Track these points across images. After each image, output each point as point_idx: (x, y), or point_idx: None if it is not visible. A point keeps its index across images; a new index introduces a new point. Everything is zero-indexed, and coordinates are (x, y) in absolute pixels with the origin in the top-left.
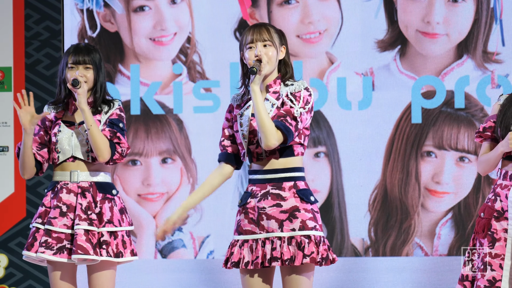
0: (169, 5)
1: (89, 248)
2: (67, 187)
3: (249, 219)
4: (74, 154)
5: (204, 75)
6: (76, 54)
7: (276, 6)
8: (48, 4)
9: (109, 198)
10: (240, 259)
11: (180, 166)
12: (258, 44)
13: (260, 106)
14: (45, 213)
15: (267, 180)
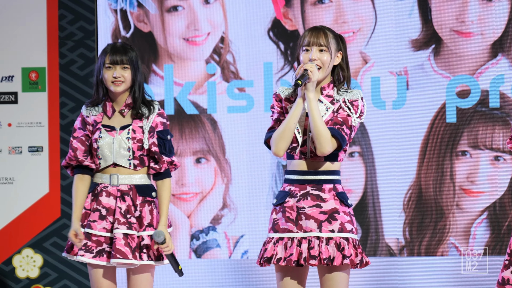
0: (202, 4)
1: (127, 252)
2: (106, 190)
3: (286, 217)
4: (115, 161)
5: (238, 75)
6: (114, 54)
7: (310, 5)
8: (81, 5)
9: (149, 201)
10: (272, 255)
11: (214, 166)
12: (313, 48)
13: (316, 115)
14: (85, 216)
15: (307, 181)
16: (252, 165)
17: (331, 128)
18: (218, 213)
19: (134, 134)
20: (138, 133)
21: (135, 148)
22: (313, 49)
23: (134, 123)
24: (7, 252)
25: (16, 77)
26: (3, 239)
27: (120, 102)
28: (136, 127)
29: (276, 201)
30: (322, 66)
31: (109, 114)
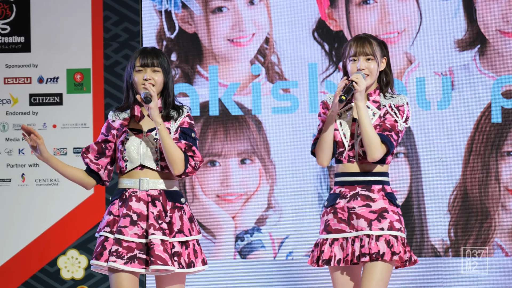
0: (247, 5)
1: (167, 258)
2: (136, 195)
3: (338, 218)
4: (142, 162)
5: (283, 76)
6: (144, 57)
7: (355, 6)
8: (126, 6)
9: (178, 207)
10: (331, 257)
11: (259, 167)
12: (360, 58)
13: (367, 123)
14: (113, 222)
15: (357, 182)
16: (297, 166)
17: (380, 135)
18: (263, 214)
19: None
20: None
21: (161, 148)
22: (360, 59)
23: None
24: (52, 253)
25: (61, 79)
26: (48, 241)
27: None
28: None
29: (327, 203)
30: (370, 74)
31: (137, 118)
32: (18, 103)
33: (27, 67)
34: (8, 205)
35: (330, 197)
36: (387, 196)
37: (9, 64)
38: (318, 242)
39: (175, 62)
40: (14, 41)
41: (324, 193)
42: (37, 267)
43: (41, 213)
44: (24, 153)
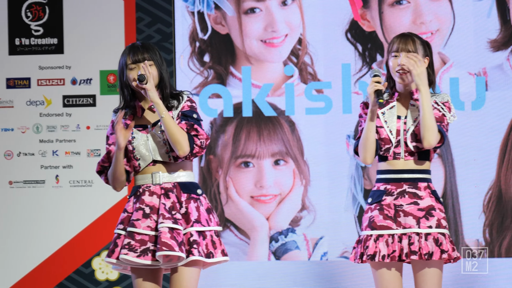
0: (279, 6)
1: (174, 245)
2: (149, 189)
3: (384, 215)
4: (154, 158)
5: (316, 77)
6: (134, 53)
7: (388, 6)
8: (159, 7)
9: (194, 198)
10: (375, 253)
11: (293, 168)
12: (402, 54)
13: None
14: (127, 219)
15: (403, 180)
16: (331, 167)
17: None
18: (297, 215)
19: None
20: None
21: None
22: (402, 55)
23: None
24: (86, 255)
25: (94, 80)
26: (82, 242)
27: (148, 99)
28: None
29: (372, 200)
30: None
31: (139, 114)
32: (51, 104)
33: (60, 68)
34: (42, 207)
35: (374, 194)
36: (433, 194)
37: (42, 65)
38: (361, 238)
39: (208, 63)
40: (47, 42)
41: (358, 194)
42: (72, 268)
43: (75, 215)
44: (58, 155)
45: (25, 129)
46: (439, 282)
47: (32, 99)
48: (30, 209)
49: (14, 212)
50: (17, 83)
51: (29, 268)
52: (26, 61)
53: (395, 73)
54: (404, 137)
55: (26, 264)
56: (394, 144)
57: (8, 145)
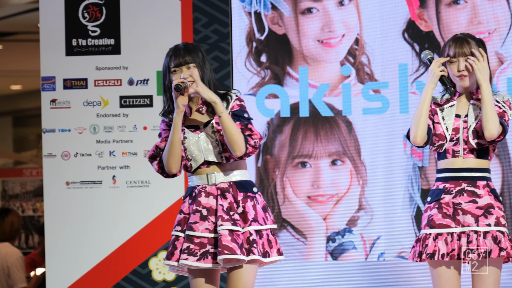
0: (336, 6)
1: (235, 248)
2: (205, 190)
3: (443, 213)
4: (206, 158)
5: (373, 77)
6: (176, 57)
7: (445, 6)
8: (216, 8)
9: (251, 196)
10: (435, 251)
11: (350, 168)
12: (460, 59)
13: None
14: (184, 220)
15: (462, 178)
16: (388, 167)
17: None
18: (354, 215)
19: (219, 126)
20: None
21: (222, 140)
22: (460, 60)
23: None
24: (143, 255)
25: (151, 81)
26: (139, 242)
27: (195, 100)
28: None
29: (431, 199)
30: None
31: (188, 114)
32: (108, 105)
33: (117, 69)
34: (99, 207)
35: (433, 192)
36: (492, 192)
37: (99, 66)
38: (420, 237)
39: (265, 63)
40: (104, 43)
41: (415, 194)
42: (129, 268)
43: (132, 215)
44: (114, 155)
45: (82, 129)
46: (497, 281)
47: (89, 100)
48: (87, 209)
49: (71, 212)
50: (74, 84)
51: (86, 269)
52: (83, 62)
53: (455, 78)
54: (464, 135)
55: (83, 264)
56: (448, 141)
57: (65, 146)
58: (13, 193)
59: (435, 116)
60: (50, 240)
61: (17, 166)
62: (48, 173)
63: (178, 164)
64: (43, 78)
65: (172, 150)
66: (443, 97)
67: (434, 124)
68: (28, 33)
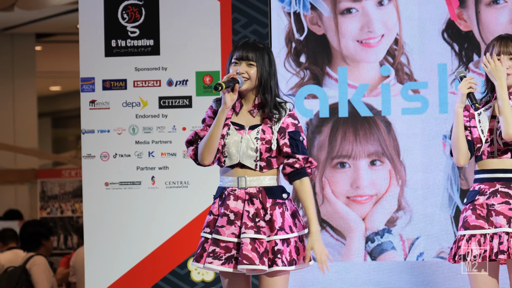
0: (376, 6)
1: (254, 257)
2: (234, 193)
3: (477, 215)
4: (241, 161)
5: (412, 77)
6: (241, 49)
7: (484, 6)
8: (255, 8)
9: (280, 203)
10: (467, 253)
11: (389, 168)
12: (505, 57)
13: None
14: (213, 222)
15: (496, 179)
16: (427, 167)
17: None
18: (393, 215)
19: (264, 135)
20: (267, 134)
21: (262, 149)
22: (504, 58)
23: (264, 123)
24: (182, 256)
25: (190, 81)
26: (178, 243)
27: (249, 101)
28: (266, 127)
29: (467, 200)
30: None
31: (237, 109)
32: (147, 106)
33: (156, 70)
34: (138, 208)
35: (470, 194)
36: None
37: (138, 67)
38: (457, 238)
39: (304, 64)
40: (144, 44)
41: (454, 194)
42: (168, 269)
43: (171, 216)
44: (153, 156)
45: (121, 130)
46: None
47: (128, 101)
48: (126, 210)
49: (110, 213)
50: (113, 84)
51: (125, 269)
52: (122, 63)
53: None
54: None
55: (122, 265)
56: (483, 143)
57: (104, 147)
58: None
59: (472, 121)
60: (89, 241)
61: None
62: (87, 174)
63: (212, 157)
64: (82, 79)
65: (209, 143)
66: (482, 100)
67: (471, 128)
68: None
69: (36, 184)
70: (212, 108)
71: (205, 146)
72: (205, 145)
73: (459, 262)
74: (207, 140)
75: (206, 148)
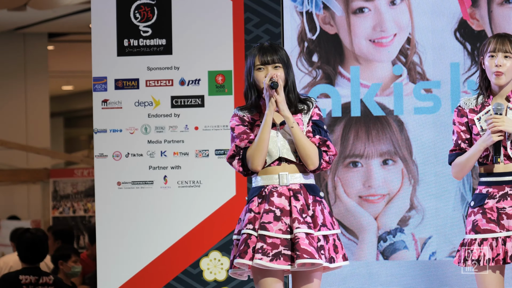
0: (388, 6)
1: (313, 251)
2: (277, 190)
3: (487, 218)
4: (281, 155)
5: (425, 76)
6: (264, 54)
7: (497, 5)
8: (268, 8)
9: (319, 200)
10: (480, 257)
11: (401, 168)
12: (499, 54)
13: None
14: (254, 219)
15: (505, 182)
16: (440, 166)
17: None
18: (405, 214)
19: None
20: (300, 125)
21: None
22: (499, 55)
23: (295, 116)
24: (195, 255)
25: (203, 81)
26: (190, 242)
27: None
28: (297, 119)
29: (474, 204)
30: (506, 73)
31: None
32: (160, 105)
33: (168, 69)
34: (151, 207)
35: (476, 197)
36: None
37: (150, 66)
38: (465, 242)
39: (317, 63)
40: (156, 43)
41: (467, 193)
42: (180, 268)
43: (184, 215)
44: (166, 155)
45: (133, 130)
46: None
47: (140, 100)
48: (138, 209)
49: (122, 212)
50: (125, 84)
51: (138, 269)
52: (135, 62)
53: (491, 74)
54: (503, 142)
55: (134, 264)
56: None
57: (117, 146)
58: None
59: (474, 128)
60: (101, 240)
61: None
62: (99, 174)
63: (263, 161)
64: (94, 79)
65: (261, 147)
66: (478, 100)
67: (474, 136)
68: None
69: (48, 184)
70: (237, 115)
71: (256, 152)
72: (256, 151)
73: (472, 266)
74: (257, 145)
75: (258, 153)
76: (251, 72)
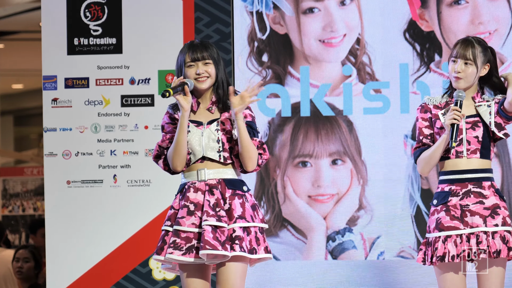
0: (338, 6)
1: (216, 244)
2: (194, 186)
3: (451, 216)
4: (205, 154)
5: (374, 76)
6: (194, 51)
7: (446, 6)
8: (218, 7)
9: (240, 194)
10: (445, 254)
11: (350, 168)
12: (459, 60)
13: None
14: (174, 216)
15: (468, 180)
16: (388, 167)
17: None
18: (354, 214)
19: (223, 126)
20: (227, 125)
21: (224, 139)
22: (459, 61)
23: (223, 115)
24: (144, 254)
25: (153, 80)
26: (140, 241)
27: (205, 99)
28: (225, 119)
29: (437, 202)
30: (465, 78)
31: (195, 108)
32: (109, 104)
33: (118, 68)
34: (100, 206)
35: (439, 195)
36: (497, 192)
37: (100, 65)
38: (430, 240)
39: (266, 63)
40: (106, 42)
41: (415, 194)
42: (129, 267)
43: (133, 214)
44: (115, 154)
45: (83, 128)
46: (503, 280)
47: (90, 99)
48: (88, 208)
49: (72, 211)
50: (75, 83)
51: (87, 268)
52: (85, 61)
53: (452, 78)
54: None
55: (83, 263)
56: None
57: (66, 145)
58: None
59: (437, 122)
60: (50, 239)
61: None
62: (49, 172)
63: (183, 162)
64: (44, 77)
65: (178, 149)
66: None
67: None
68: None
69: None
70: (169, 113)
71: (174, 154)
72: (174, 153)
73: (436, 264)
74: (175, 148)
75: (176, 155)
76: (182, 69)
